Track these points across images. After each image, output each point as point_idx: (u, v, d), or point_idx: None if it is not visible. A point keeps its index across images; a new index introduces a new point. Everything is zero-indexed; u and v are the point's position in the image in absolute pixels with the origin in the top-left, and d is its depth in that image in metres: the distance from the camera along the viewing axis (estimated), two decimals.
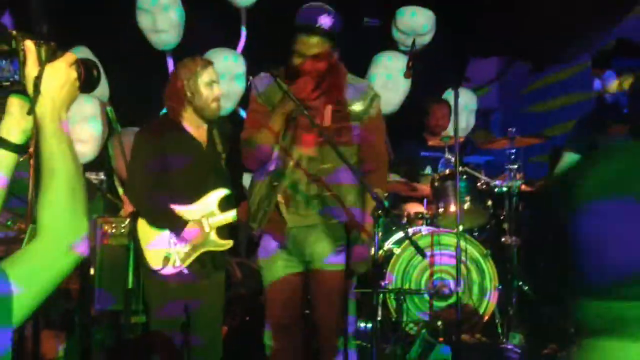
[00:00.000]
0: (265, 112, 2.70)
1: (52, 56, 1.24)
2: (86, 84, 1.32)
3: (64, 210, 1.17)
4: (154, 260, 3.05)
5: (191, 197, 3.11)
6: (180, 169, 3.07)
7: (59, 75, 1.23)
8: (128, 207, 3.58)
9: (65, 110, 1.24)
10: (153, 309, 3.12)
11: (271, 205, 2.73)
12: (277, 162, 2.72)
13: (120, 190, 4.59)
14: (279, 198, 2.72)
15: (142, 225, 3.09)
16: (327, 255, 2.72)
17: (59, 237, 1.15)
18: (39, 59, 1.22)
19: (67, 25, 4.87)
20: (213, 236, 3.13)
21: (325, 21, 2.57)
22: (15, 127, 1.24)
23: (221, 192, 3.17)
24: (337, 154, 2.51)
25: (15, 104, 1.24)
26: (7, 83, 1.22)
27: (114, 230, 3.41)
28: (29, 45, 1.22)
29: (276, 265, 2.80)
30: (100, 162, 4.61)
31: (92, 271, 3.72)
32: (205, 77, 3.08)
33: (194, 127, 3.15)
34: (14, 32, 1.22)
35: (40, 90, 1.20)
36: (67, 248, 1.15)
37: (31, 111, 1.20)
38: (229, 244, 3.19)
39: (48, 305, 2.91)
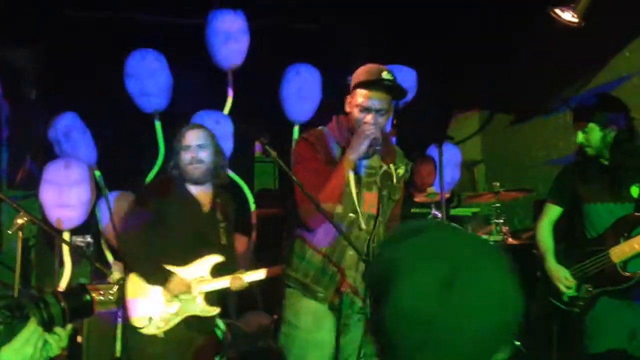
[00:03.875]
0: (326, 171, 2.59)
1: (9, 334, 1.18)
2: (75, 315, 1.28)
3: None
4: (137, 318, 3.03)
5: (183, 258, 3.11)
6: (176, 227, 3.09)
7: None
8: (116, 274, 3.57)
9: None
10: None
11: (340, 266, 2.59)
12: (340, 219, 2.60)
13: (109, 255, 4.57)
14: (347, 258, 2.61)
15: (130, 281, 3.08)
16: None
17: None
18: None
19: (55, 90, 4.94)
20: (200, 301, 3.12)
21: (388, 77, 2.59)
22: None
23: (215, 259, 3.17)
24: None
25: None
26: None
27: (101, 297, 3.37)
28: None
29: (324, 326, 2.62)
30: (88, 225, 4.60)
31: (79, 339, 3.67)
32: (183, 141, 3.19)
33: (198, 189, 3.20)
34: None
35: None
36: None
37: None
38: (215, 310, 3.17)
39: None
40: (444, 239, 1.01)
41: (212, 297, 3.16)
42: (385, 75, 2.58)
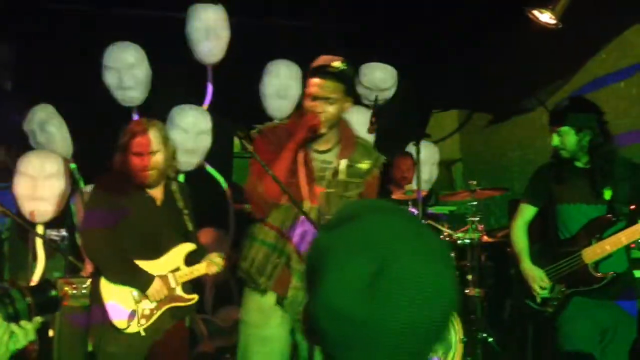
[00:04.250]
0: (272, 161, 2.61)
1: None
2: (41, 310, 1.30)
3: None
4: (118, 320, 2.97)
5: (150, 252, 3.07)
6: (135, 224, 3.04)
7: None
8: (89, 266, 3.53)
9: None
10: None
11: (282, 257, 2.63)
12: (287, 211, 2.64)
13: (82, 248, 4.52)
14: (292, 250, 2.63)
15: (104, 283, 3.02)
16: None
17: None
18: None
19: (31, 81, 4.87)
20: (179, 291, 3.12)
21: (338, 65, 2.59)
22: None
23: (187, 247, 3.16)
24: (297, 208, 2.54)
25: None
26: None
27: (74, 291, 3.34)
28: None
29: (270, 322, 2.67)
30: (63, 218, 4.54)
31: (51, 333, 3.63)
32: (133, 148, 3.05)
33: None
34: None
35: None
36: None
37: None
38: (194, 298, 3.17)
39: None
40: (375, 228, 0.95)
41: (189, 286, 3.16)
42: (335, 64, 2.58)
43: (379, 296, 0.90)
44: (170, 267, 3.11)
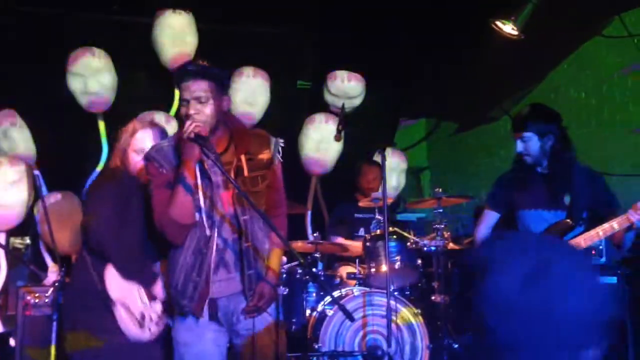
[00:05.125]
0: (169, 183, 2.54)
1: None
2: None
3: None
4: (128, 324, 2.82)
5: (153, 252, 2.93)
6: (138, 227, 2.90)
7: None
8: (52, 275, 3.47)
9: None
10: None
11: (202, 275, 2.56)
12: (199, 227, 2.57)
13: (47, 257, 4.44)
14: (210, 265, 2.56)
15: (113, 279, 2.84)
16: (260, 321, 2.62)
17: None
18: None
19: None
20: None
21: (198, 63, 2.55)
22: None
23: None
24: (257, 212, 2.52)
25: None
26: None
27: (37, 301, 3.29)
28: None
29: (205, 339, 2.61)
30: (26, 227, 4.46)
31: (12, 342, 3.56)
32: (133, 143, 2.97)
33: None
34: None
35: None
36: None
37: None
38: None
39: None
40: (529, 239, 1.16)
41: None
42: (195, 62, 2.56)
43: (539, 291, 1.05)
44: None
